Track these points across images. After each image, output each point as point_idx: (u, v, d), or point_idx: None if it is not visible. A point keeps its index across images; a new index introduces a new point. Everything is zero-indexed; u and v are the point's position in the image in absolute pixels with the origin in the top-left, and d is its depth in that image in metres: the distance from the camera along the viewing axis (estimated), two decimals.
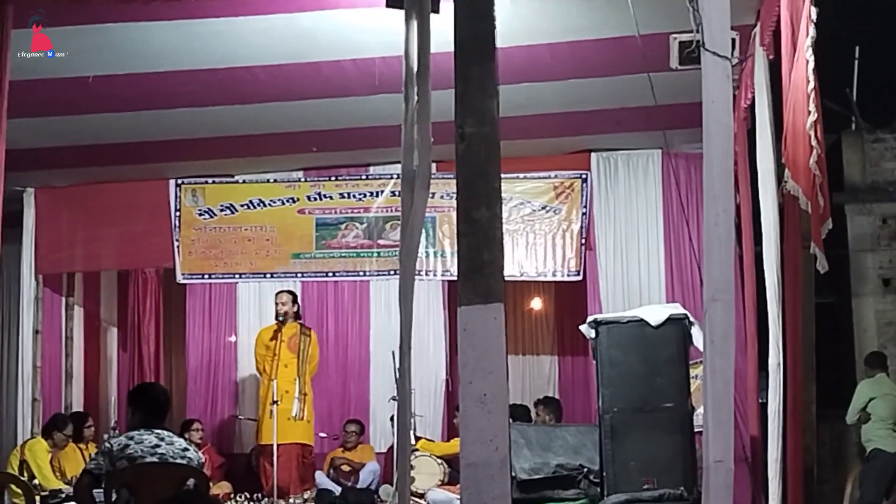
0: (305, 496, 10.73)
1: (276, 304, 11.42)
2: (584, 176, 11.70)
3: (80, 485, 6.59)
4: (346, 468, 11.17)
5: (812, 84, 6.61)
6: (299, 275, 12.08)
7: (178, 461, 6.63)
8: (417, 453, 10.39)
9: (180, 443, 6.75)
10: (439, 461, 10.52)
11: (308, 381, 11.23)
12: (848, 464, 12.80)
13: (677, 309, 9.71)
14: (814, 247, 6.79)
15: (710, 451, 3.97)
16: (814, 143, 6.55)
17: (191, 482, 6.44)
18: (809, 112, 6.59)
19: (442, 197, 11.24)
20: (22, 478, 9.45)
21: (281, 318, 11.33)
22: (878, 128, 14.98)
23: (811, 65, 6.63)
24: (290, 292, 11.58)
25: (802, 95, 6.68)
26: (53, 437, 10.92)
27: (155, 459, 6.58)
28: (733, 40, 4.94)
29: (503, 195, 6.53)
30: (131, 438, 6.76)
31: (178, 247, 12.01)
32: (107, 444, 6.62)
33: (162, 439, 6.67)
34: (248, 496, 10.29)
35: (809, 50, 6.65)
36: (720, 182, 4.02)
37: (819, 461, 10.62)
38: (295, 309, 11.46)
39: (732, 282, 4.24)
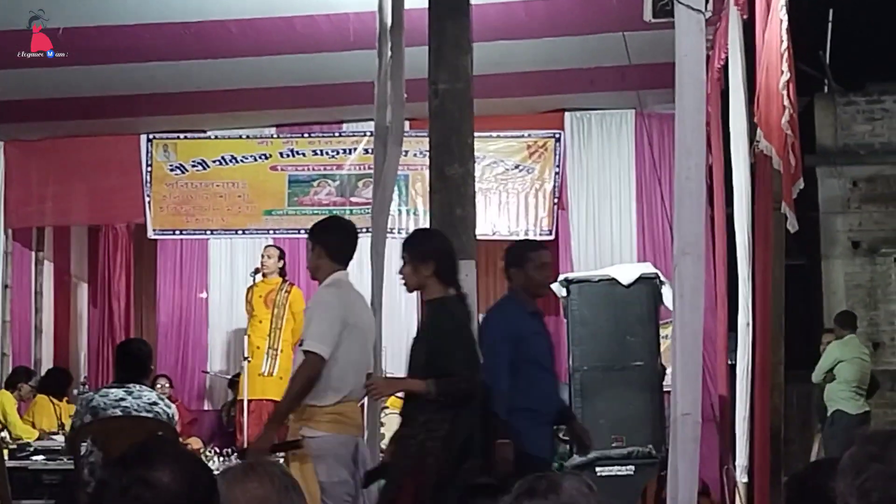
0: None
1: (262, 255, 11.31)
2: (557, 135, 11.68)
3: (68, 440, 6.66)
4: None
5: (785, 44, 6.62)
6: (271, 231, 12.03)
7: (144, 414, 6.63)
8: (387, 410, 10.40)
9: (149, 396, 6.74)
10: None
11: (284, 337, 11.14)
12: (815, 424, 12.92)
13: (648, 268, 9.76)
14: (784, 206, 6.82)
15: (677, 405, 4.00)
16: (786, 102, 6.57)
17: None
18: (783, 72, 6.61)
19: (415, 155, 11.21)
20: None
21: (257, 273, 11.20)
22: (850, 91, 15.04)
23: (785, 24, 6.64)
24: (277, 248, 11.46)
25: (776, 55, 6.70)
26: (20, 389, 10.88)
27: (118, 412, 6.58)
28: None
29: (476, 154, 6.55)
30: (98, 392, 6.77)
31: (149, 202, 11.92)
32: (80, 399, 6.63)
33: (130, 393, 6.66)
34: (216, 451, 10.29)
35: (783, 10, 6.67)
36: (692, 136, 4.02)
37: (786, 421, 10.70)
38: (280, 265, 11.35)
39: (703, 236, 4.26)
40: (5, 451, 8.92)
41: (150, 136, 11.95)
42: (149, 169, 11.93)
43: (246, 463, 2.96)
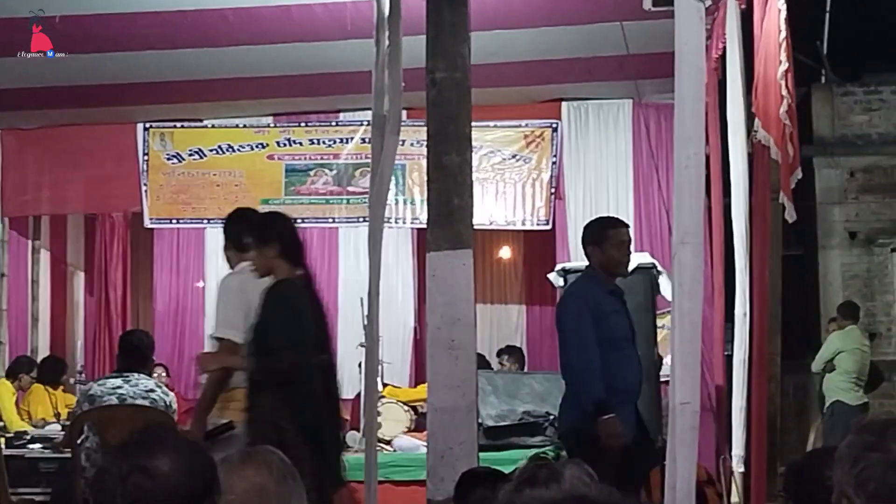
0: None
1: None
2: (554, 125, 11.67)
3: (66, 429, 6.70)
4: None
5: (784, 33, 6.62)
6: None
7: (140, 401, 6.64)
8: (384, 400, 10.41)
9: (146, 384, 6.76)
10: (406, 408, 10.53)
11: None
12: (811, 414, 12.96)
13: (645, 258, 9.74)
14: (782, 196, 6.82)
15: (676, 393, 3.99)
16: (784, 92, 6.57)
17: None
18: (781, 61, 6.61)
19: (412, 144, 11.20)
20: None
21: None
22: (847, 81, 15.05)
23: (783, 14, 6.63)
24: None
25: (774, 45, 6.69)
26: (20, 379, 10.88)
27: (114, 399, 6.60)
28: None
29: (473, 143, 6.53)
30: (96, 381, 6.79)
31: (145, 191, 11.91)
32: (80, 390, 6.66)
33: (127, 381, 6.68)
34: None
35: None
36: (692, 125, 4.01)
37: (782, 411, 10.72)
38: None
39: (702, 225, 4.25)
40: (2, 440, 8.93)
41: (147, 125, 11.93)
42: (145, 158, 11.92)
43: (244, 451, 2.96)
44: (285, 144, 11.92)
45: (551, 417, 9.78)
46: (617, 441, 6.10)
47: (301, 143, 11.93)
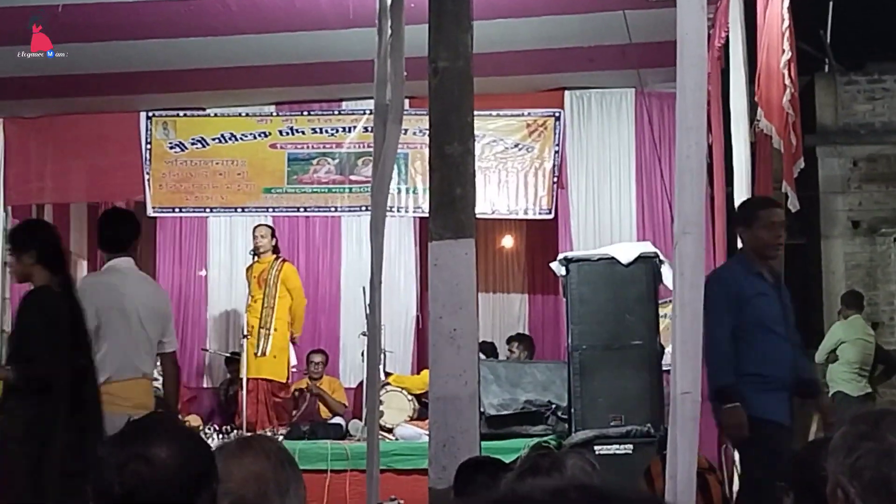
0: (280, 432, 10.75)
1: (255, 237, 11.36)
2: (557, 114, 11.66)
3: None
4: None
5: (787, 22, 6.61)
6: (271, 209, 12.02)
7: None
8: (388, 388, 10.43)
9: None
10: (409, 397, 10.56)
11: (278, 315, 11.18)
12: (812, 403, 12.92)
13: (648, 247, 9.76)
14: (785, 186, 6.82)
15: (677, 383, 3.99)
16: (787, 81, 6.57)
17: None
18: (784, 51, 6.61)
19: (414, 133, 11.19)
20: None
21: (254, 253, 11.30)
22: (850, 70, 15.02)
23: (786, 3, 6.63)
24: (267, 226, 11.54)
25: (777, 34, 6.68)
26: None
27: None
28: None
29: (476, 132, 6.53)
30: None
31: (148, 180, 11.91)
32: None
33: None
34: (216, 428, 10.32)
35: None
36: (693, 114, 4.01)
37: None
38: (273, 243, 11.42)
39: (703, 215, 4.25)
40: None
41: (150, 114, 11.93)
42: (148, 146, 11.92)
43: (243, 438, 2.97)
44: (288, 133, 11.92)
45: (553, 406, 9.80)
46: (738, 431, 5.85)
47: (303, 132, 11.93)
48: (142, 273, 6.99)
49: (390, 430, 10.08)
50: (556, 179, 11.60)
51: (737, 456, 8.51)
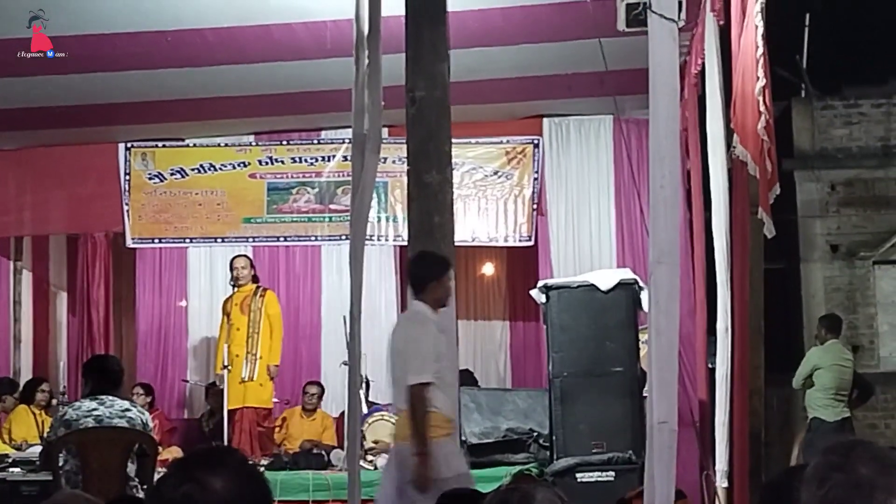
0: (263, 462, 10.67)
1: (233, 268, 11.32)
2: (535, 141, 11.70)
3: (44, 455, 6.74)
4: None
5: (761, 50, 6.66)
6: (250, 239, 12.02)
7: (116, 421, 6.64)
8: (377, 414, 10.40)
9: (121, 404, 6.77)
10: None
11: (262, 341, 11.13)
12: (795, 427, 12.95)
13: (627, 274, 9.78)
14: (761, 212, 6.85)
15: (654, 412, 4.00)
16: (762, 108, 6.60)
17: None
18: (758, 78, 6.64)
19: (394, 162, 11.20)
20: None
21: (234, 283, 11.26)
22: (827, 95, 15.10)
23: (760, 30, 6.67)
24: (245, 256, 11.51)
25: (752, 61, 6.73)
26: (4, 400, 10.84)
27: (90, 421, 6.60)
28: (680, 2, 4.96)
29: (455, 160, 6.57)
30: (70, 405, 6.81)
31: (127, 211, 11.90)
32: (55, 415, 6.69)
33: (102, 403, 6.69)
34: None
35: (759, 16, 6.70)
36: (666, 144, 4.04)
37: (766, 424, 10.73)
38: (252, 272, 11.38)
39: (678, 244, 4.27)
40: None
41: (129, 145, 11.93)
42: (127, 177, 11.91)
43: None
44: (267, 163, 11.93)
45: (535, 434, 9.79)
46: None
47: (283, 162, 11.94)
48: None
49: (374, 457, 10.03)
50: (535, 206, 11.63)
51: (718, 481, 8.52)
